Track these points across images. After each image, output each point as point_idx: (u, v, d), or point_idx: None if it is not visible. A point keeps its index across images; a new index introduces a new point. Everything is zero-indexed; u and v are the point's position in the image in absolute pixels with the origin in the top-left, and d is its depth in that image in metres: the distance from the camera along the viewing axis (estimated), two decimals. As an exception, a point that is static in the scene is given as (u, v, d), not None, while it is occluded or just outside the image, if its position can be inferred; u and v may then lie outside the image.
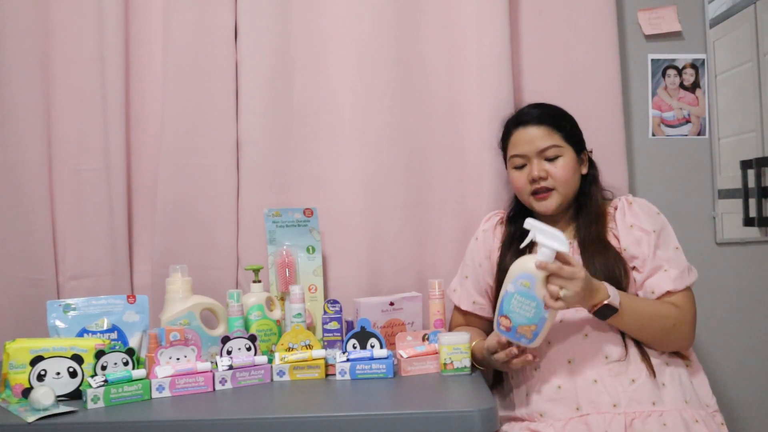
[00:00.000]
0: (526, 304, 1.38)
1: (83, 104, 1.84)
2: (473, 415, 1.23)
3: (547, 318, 1.38)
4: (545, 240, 1.36)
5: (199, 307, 1.61)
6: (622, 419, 1.40)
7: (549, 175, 1.60)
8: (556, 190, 1.60)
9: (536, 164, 1.61)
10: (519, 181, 1.65)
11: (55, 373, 1.38)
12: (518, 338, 1.41)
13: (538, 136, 1.62)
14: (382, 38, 1.84)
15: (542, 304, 1.37)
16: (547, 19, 1.91)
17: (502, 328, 1.42)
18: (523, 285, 1.38)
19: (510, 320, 1.40)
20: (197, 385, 1.41)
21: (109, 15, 1.80)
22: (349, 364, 1.48)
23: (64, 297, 1.82)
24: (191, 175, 1.84)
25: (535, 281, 1.37)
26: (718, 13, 1.97)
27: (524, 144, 1.63)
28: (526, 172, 1.63)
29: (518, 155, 1.64)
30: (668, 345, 1.50)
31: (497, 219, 1.74)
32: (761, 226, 1.95)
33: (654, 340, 1.48)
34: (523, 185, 1.64)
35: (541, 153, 1.61)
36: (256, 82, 1.85)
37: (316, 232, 1.81)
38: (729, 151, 1.97)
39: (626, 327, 1.47)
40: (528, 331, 1.40)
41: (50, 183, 1.86)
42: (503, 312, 1.41)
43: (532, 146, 1.62)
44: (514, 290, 1.39)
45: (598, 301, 1.41)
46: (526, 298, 1.38)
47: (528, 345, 1.41)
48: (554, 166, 1.61)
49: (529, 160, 1.62)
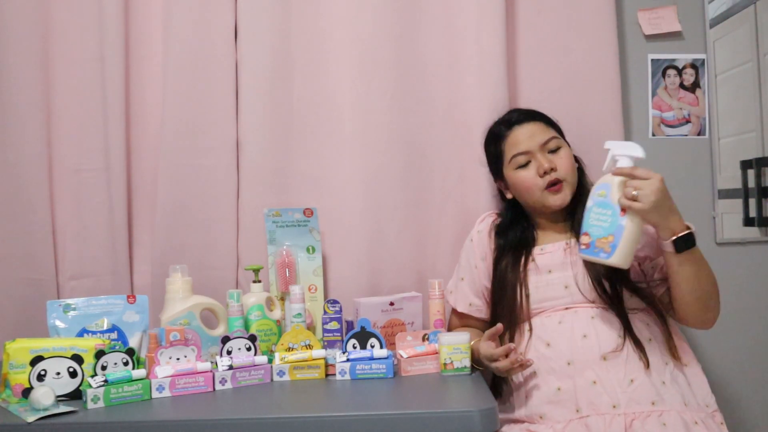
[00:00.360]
0: (603, 214, 1.38)
1: (83, 104, 1.84)
2: (473, 415, 1.23)
3: (624, 227, 1.37)
4: (622, 150, 1.38)
5: (199, 307, 1.61)
6: (622, 420, 1.40)
7: (556, 166, 1.59)
8: (565, 181, 1.60)
9: (542, 157, 1.60)
10: (527, 179, 1.61)
11: (55, 373, 1.38)
12: (596, 253, 1.39)
13: (537, 130, 1.63)
14: (382, 38, 1.84)
15: (618, 211, 1.37)
16: (547, 18, 1.91)
17: (582, 246, 1.42)
18: (599, 195, 1.39)
19: (589, 235, 1.39)
20: (197, 385, 1.41)
21: (109, 15, 1.80)
22: (349, 364, 1.48)
23: (64, 297, 1.82)
24: (191, 175, 1.84)
25: (610, 188, 1.37)
26: (718, 13, 1.97)
27: (525, 140, 1.62)
28: (532, 168, 1.61)
29: (521, 153, 1.62)
30: (708, 311, 1.50)
31: (491, 220, 1.73)
32: (761, 226, 1.95)
33: (699, 297, 1.47)
34: (533, 182, 1.60)
35: (544, 146, 1.61)
36: (256, 82, 1.85)
37: (316, 232, 1.81)
38: (729, 151, 1.97)
39: (688, 271, 1.43)
40: (606, 243, 1.38)
41: (50, 183, 1.86)
42: (584, 229, 1.41)
43: (534, 140, 1.61)
44: (591, 203, 1.39)
45: (680, 226, 1.40)
46: (602, 208, 1.38)
47: (607, 260, 1.39)
48: (559, 157, 1.61)
49: (533, 156, 1.61)
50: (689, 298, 1.47)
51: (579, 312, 1.53)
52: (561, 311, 1.55)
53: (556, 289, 1.56)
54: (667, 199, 1.39)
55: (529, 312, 1.57)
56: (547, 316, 1.56)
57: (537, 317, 1.57)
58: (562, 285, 1.56)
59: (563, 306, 1.55)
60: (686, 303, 1.48)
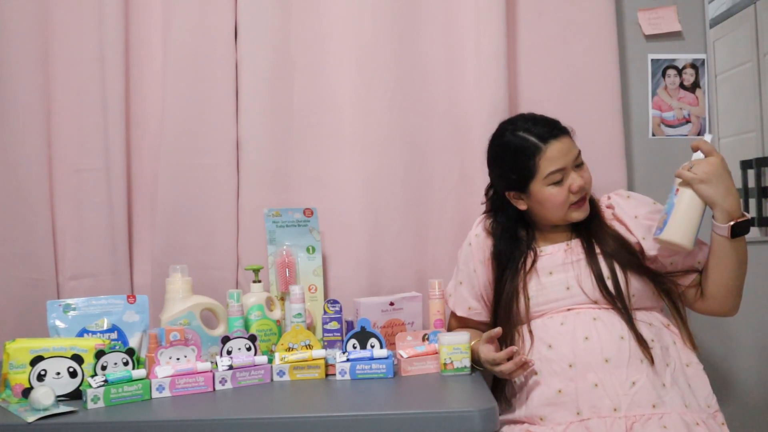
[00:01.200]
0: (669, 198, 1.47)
1: (83, 104, 1.84)
2: (473, 415, 1.23)
3: (675, 203, 1.44)
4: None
5: (199, 307, 1.61)
6: (623, 423, 1.39)
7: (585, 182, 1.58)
8: (587, 194, 1.60)
9: (574, 175, 1.56)
10: (560, 196, 1.55)
11: (55, 373, 1.38)
12: (656, 232, 1.48)
13: (571, 145, 1.58)
14: (382, 38, 1.85)
15: (675, 189, 1.44)
16: (547, 18, 1.91)
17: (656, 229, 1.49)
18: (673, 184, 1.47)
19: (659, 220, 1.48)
20: (197, 385, 1.41)
21: (109, 15, 1.80)
22: (349, 364, 1.48)
23: (64, 297, 1.82)
24: (191, 175, 1.84)
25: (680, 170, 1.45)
26: (718, 13, 1.97)
27: (562, 157, 1.54)
28: (565, 185, 1.55)
29: (559, 170, 1.54)
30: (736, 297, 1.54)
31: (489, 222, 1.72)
32: (761, 226, 1.95)
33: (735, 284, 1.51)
34: (564, 200, 1.56)
35: (574, 161, 1.57)
36: (256, 82, 1.85)
37: (316, 232, 1.81)
38: (729, 151, 1.97)
39: (735, 257, 1.48)
40: (661, 221, 1.47)
41: (50, 183, 1.86)
42: None
43: (569, 157, 1.56)
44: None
45: (737, 210, 1.43)
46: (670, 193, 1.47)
47: (658, 236, 1.47)
48: (585, 172, 1.59)
49: (567, 173, 1.56)
50: (728, 285, 1.51)
51: (581, 313, 1.53)
52: (563, 312, 1.55)
53: (557, 291, 1.56)
54: (724, 177, 1.42)
55: (530, 315, 1.57)
56: (549, 318, 1.55)
57: (539, 319, 1.57)
58: (564, 286, 1.56)
59: (565, 307, 1.55)
60: (727, 288, 1.51)
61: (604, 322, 1.51)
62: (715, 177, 1.42)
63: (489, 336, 1.50)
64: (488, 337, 1.50)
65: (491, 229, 1.67)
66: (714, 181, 1.41)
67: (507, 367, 1.44)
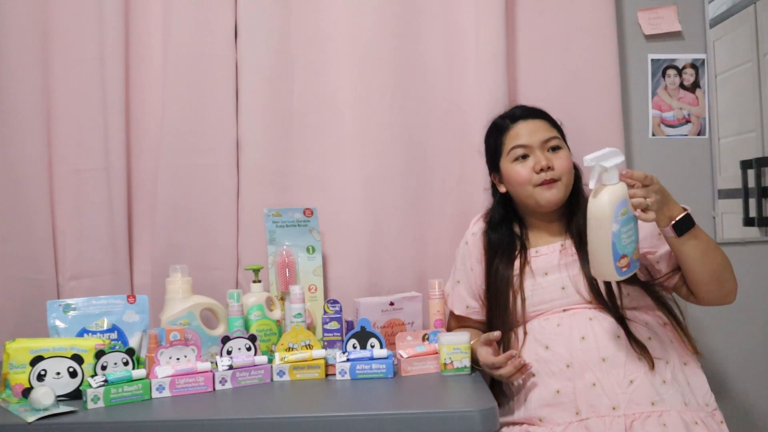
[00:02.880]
0: (631, 230, 1.36)
1: (83, 104, 1.84)
2: (473, 415, 1.23)
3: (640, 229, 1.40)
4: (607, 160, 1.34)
5: (199, 307, 1.61)
6: (622, 422, 1.39)
7: (554, 165, 1.59)
8: (560, 180, 1.60)
9: (541, 154, 1.60)
10: (522, 173, 1.61)
11: (55, 373, 1.38)
12: (636, 264, 1.39)
13: (541, 127, 1.63)
14: (382, 38, 1.84)
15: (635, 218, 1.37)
16: (547, 18, 1.91)
17: (625, 269, 1.37)
18: (622, 214, 1.35)
19: (627, 257, 1.37)
20: (197, 385, 1.41)
21: (109, 15, 1.80)
22: (349, 364, 1.48)
23: (64, 297, 1.82)
24: (191, 175, 1.84)
25: (627, 202, 1.35)
26: (718, 13, 1.97)
27: (527, 135, 1.62)
28: (529, 163, 1.61)
29: (521, 145, 1.62)
30: (724, 285, 1.49)
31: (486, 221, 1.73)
32: (761, 226, 1.95)
33: (713, 274, 1.46)
34: (528, 177, 1.60)
35: (544, 143, 1.61)
36: (256, 82, 1.85)
37: (316, 232, 1.81)
38: (729, 151, 1.97)
39: (695, 250, 1.43)
40: (637, 253, 1.39)
41: (50, 183, 1.86)
42: (620, 253, 1.36)
43: (536, 137, 1.61)
44: (618, 226, 1.34)
45: (676, 210, 1.40)
46: (628, 225, 1.36)
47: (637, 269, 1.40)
48: (558, 157, 1.61)
49: (532, 151, 1.61)
50: (704, 277, 1.47)
51: (577, 314, 1.53)
52: (559, 313, 1.55)
53: (552, 292, 1.56)
54: (665, 193, 1.39)
55: (525, 316, 1.57)
56: (546, 319, 1.55)
57: (535, 320, 1.57)
58: (559, 287, 1.56)
59: (561, 308, 1.55)
60: (703, 283, 1.48)
61: (600, 321, 1.51)
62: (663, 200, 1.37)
63: (487, 339, 1.50)
64: (486, 340, 1.50)
65: (487, 216, 1.71)
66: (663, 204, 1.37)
67: (506, 370, 1.44)
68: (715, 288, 1.49)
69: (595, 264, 1.39)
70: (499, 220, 1.68)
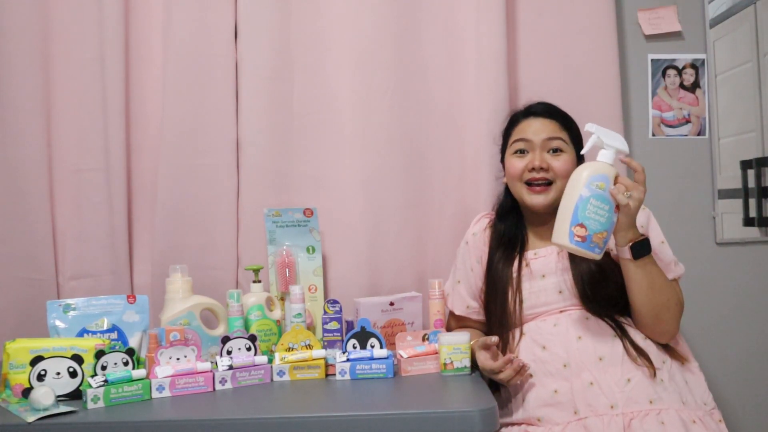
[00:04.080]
0: (601, 209, 1.34)
1: (83, 104, 1.84)
2: (473, 415, 1.23)
3: (615, 223, 1.38)
4: (609, 140, 1.34)
5: (199, 307, 1.61)
6: (621, 420, 1.39)
7: (550, 167, 1.59)
8: (554, 183, 1.59)
9: (539, 154, 1.60)
10: (516, 167, 1.62)
11: (55, 373, 1.38)
12: (592, 248, 1.36)
13: (549, 127, 1.62)
14: (382, 38, 1.85)
15: (614, 208, 1.36)
16: (547, 18, 1.91)
17: (577, 238, 1.35)
18: (598, 187, 1.34)
19: (586, 228, 1.34)
20: (197, 385, 1.41)
21: (109, 15, 1.80)
22: (349, 364, 1.48)
23: (64, 297, 1.82)
24: (191, 175, 1.84)
25: (609, 182, 1.34)
26: (718, 13, 1.97)
27: (531, 131, 1.62)
28: (525, 160, 1.61)
29: (523, 139, 1.62)
30: (660, 324, 1.49)
31: (487, 221, 1.73)
32: (761, 226, 1.95)
33: (654, 309, 1.47)
34: (519, 172, 1.61)
35: (546, 143, 1.61)
36: (256, 82, 1.85)
37: (316, 232, 1.81)
38: (729, 151, 1.97)
39: (643, 280, 1.45)
40: (600, 239, 1.36)
41: (50, 183, 1.86)
42: (579, 220, 1.34)
43: (539, 135, 1.61)
44: (589, 194, 1.33)
45: (636, 233, 1.42)
46: (601, 202, 1.34)
47: (597, 256, 1.37)
48: (557, 159, 1.60)
49: (533, 149, 1.61)
50: (643, 309, 1.48)
51: (573, 314, 1.54)
52: (555, 314, 1.55)
53: (550, 294, 1.56)
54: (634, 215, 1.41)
55: (522, 317, 1.57)
56: (542, 320, 1.56)
57: (532, 322, 1.57)
58: (556, 290, 1.56)
59: (557, 309, 1.56)
60: (639, 313, 1.49)
61: (596, 322, 1.51)
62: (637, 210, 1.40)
63: (485, 343, 1.49)
64: (484, 344, 1.49)
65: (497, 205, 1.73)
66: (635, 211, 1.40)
67: (506, 374, 1.44)
68: (649, 322, 1.49)
69: (555, 227, 1.39)
70: (507, 210, 1.69)
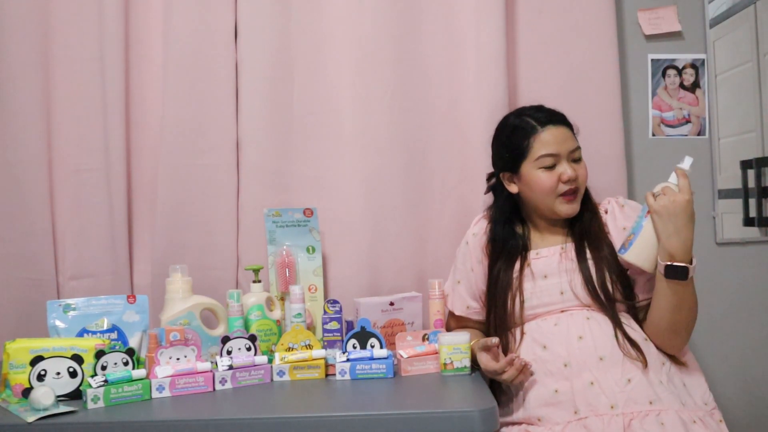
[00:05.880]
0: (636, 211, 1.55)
1: (83, 104, 1.84)
2: (473, 415, 1.23)
3: (642, 226, 1.47)
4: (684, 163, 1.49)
5: (199, 307, 1.61)
6: (621, 420, 1.39)
7: (578, 177, 1.58)
8: (579, 191, 1.60)
9: (568, 165, 1.58)
10: (548, 182, 1.57)
11: (55, 373, 1.38)
12: (621, 250, 1.53)
13: (569, 136, 1.60)
14: (382, 38, 1.84)
15: (645, 210, 1.47)
16: (547, 18, 1.91)
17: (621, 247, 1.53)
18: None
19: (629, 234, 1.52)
20: (197, 385, 1.41)
21: (109, 15, 1.80)
22: (349, 364, 1.48)
23: (64, 297, 1.82)
24: (191, 175, 1.84)
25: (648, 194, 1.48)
26: (718, 13, 1.97)
27: (557, 143, 1.57)
28: (555, 173, 1.57)
29: (550, 154, 1.57)
30: (675, 339, 1.50)
31: (487, 221, 1.72)
32: (761, 226, 1.95)
33: (673, 326, 1.48)
34: (553, 186, 1.57)
35: (571, 154, 1.59)
36: (256, 82, 1.85)
37: (316, 232, 1.81)
38: (729, 151, 1.97)
39: (672, 298, 1.46)
40: (627, 240, 1.51)
41: (50, 183, 1.86)
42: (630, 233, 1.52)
43: (565, 146, 1.58)
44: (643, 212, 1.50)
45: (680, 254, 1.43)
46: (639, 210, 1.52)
47: (622, 255, 1.51)
48: (580, 168, 1.60)
49: (559, 161, 1.58)
50: (663, 323, 1.49)
51: (574, 314, 1.53)
52: (556, 314, 1.55)
53: (551, 295, 1.56)
54: (678, 218, 1.42)
55: (523, 317, 1.57)
56: (543, 320, 1.56)
57: (532, 321, 1.57)
58: (558, 291, 1.56)
59: (558, 309, 1.56)
60: (658, 327, 1.50)
61: (597, 321, 1.51)
62: (669, 214, 1.42)
63: (485, 345, 1.49)
64: (484, 346, 1.49)
65: (490, 214, 1.70)
66: (665, 218, 1.42)
67: (508, 375, 1.44)
68: (666, 337, 1.50)
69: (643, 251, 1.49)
70: (505, 219, 1.67)
